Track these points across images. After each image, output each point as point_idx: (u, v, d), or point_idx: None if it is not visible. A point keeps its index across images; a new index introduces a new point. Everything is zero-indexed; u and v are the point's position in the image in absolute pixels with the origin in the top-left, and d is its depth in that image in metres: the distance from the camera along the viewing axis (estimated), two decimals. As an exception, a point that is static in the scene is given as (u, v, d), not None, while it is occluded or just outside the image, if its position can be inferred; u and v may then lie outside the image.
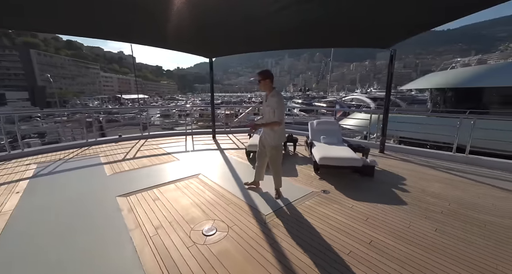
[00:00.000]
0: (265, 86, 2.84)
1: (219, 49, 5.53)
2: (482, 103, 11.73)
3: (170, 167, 4.31)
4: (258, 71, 2.92)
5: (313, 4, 2.87)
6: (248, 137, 6.17)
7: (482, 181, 3.62)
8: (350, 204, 2.86)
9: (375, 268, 1.81)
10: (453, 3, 2.91)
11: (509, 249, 2.02)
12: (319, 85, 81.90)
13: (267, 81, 2.81)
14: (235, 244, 2.12)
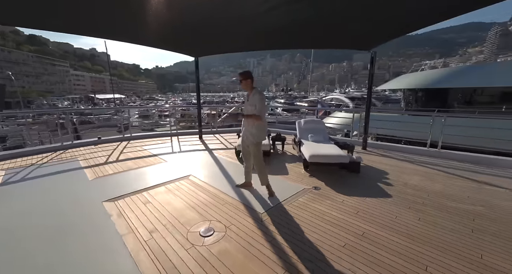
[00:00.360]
0: (247, 86, 2.93)
1: (205, 48, 5.45)
2: (448, 103, 12.81)
3: (158, 169, 4.17)
4: (239, 72, 2.98)
5: (303, 5, 2.94)
6: (236, 137, 6.16)
7: (454, 173, 3.97)
8: (341, 199, 2.98)
9: (370, 258, 1.92)
10: (427, 11, 3.17)
11: (487, 237, 2.25)
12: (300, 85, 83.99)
13: (248, 81, 2.92)
14: (234, 243, 2.12)
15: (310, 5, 2.99)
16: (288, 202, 2.89)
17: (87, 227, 2.37)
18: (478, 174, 3.90)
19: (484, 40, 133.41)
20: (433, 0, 2.85)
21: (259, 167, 3.06)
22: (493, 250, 2.02)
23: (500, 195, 3.11)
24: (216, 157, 4.86)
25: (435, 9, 3.12)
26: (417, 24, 3.72)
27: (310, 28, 3.88)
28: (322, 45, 5.44)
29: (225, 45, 5.16)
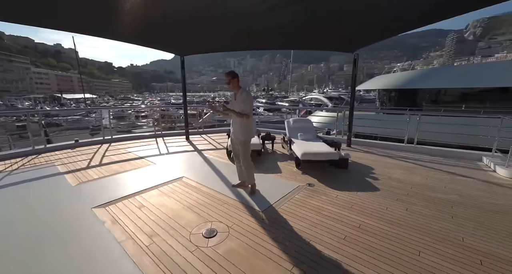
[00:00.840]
0: (234, 85, 2.94)
1: (191, 47, 5.34)
2: (417, 102, 13.91)
3: (147, 171, 4.01)
4: (226, 72, 2.98)
5: (299, 6, 3.02)
6: (226, 137, 6.11)
7: (430, 166, 4.35)
8: (335, 194, 3.13)
9: (370, 248, 2.05)
10: (404, 18, 3.45)
11: (464, 222, 2.51)
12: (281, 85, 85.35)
13: (235, 81, 2.93)
14: (239, 242, 2.13)
15: (305, 7, 3.08)
16: (286, 199, 2.96)
17: (81, 236, 2.22)
18: (450, 166, 4.32)
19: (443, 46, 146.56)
20: (410, 8, 3.10)
21: (246, 166, 3.08)
22: (471, 233, 2.27)
23: (470, 185, 3.48)
24: (207, 158, 4.79)
25: (412, 17, 3.41)
26: (396, 30, 4.02)
27: (301, 30, 4.00)
28: (308, 46, 5.61)
29: (211, 43, 5.10)
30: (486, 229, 2.34)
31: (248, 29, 4.02)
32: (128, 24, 3.64)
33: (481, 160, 4.61)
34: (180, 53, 5.79)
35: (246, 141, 3.00)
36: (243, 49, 6.14)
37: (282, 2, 2.87)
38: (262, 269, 1.81)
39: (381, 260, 1.90)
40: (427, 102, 13.68)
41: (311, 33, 4.29)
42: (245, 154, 3.04)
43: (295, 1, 2.87)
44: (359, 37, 4.50)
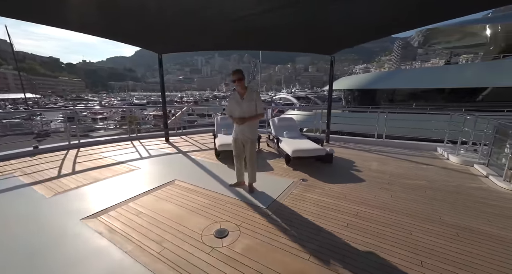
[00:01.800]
0: (242, 85, 2.98)
1: (174, 44, 5.11)
2: (376, 101, 15.48)
3: (133, 176, 3.75)
4: (235, 70, 2.97)
5: (292, 10, 3.16)
6: (211, 137, 6.00)
7: (399, 157, 4.94)
8: (328, 187, 3.37)
9: (370, 232, 2.29)
10: (379, 24, 3.87)
11: (438, 202, 2.95)
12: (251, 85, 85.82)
13: (241, 82, 2.94)
14: (252, 239, 2.18)
15: (291, 12, 3.23)
16: (285, 195, 3.09)
17: (79, 252, 2.01)
18: (414, 157, 4.97)
19: (392, 51, 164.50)
20: (385, 17, 3.50)
21: (252, 164, 3.15)
22: (445, 212, 2.70)
23: (433, 171, 4.07)
24: (195, 159, 4.67)
25: (383, 26, 3.85)
26: (370, 37, 4.48)
27: (285, 32, 4.16)
28: (290, 48, 5.83)
29: (192, 42, 4.96)
30: (456, 207, 2.80)
31: (232, 30, 4.02)
32: (93, 13, 3.21)
33: (436, 150, 5.40)
34: (157, 50, 5.49)
35: (256, 139, 3.13)
36: (226, 49, 6.10)
37: (268, 8, 2.98)
38: (282, 262, 1.89)
39: (382, 241, 2.15)
40: (384, 101, 15.32)
41: (295, 36, 4.50)
42: (252, 152, 3.11)
43: (281, 7, 2.99)
44: (337, 42, 4.87)
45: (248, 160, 3.18)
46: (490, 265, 1.86)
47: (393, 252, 2.01)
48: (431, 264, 1.86)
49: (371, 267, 1.82)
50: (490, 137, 4.21)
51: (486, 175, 3.81)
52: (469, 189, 3.32)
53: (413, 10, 3.12)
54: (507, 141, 3.88)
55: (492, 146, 4.12)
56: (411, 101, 14.17)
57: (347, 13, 3.22)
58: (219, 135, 5.18)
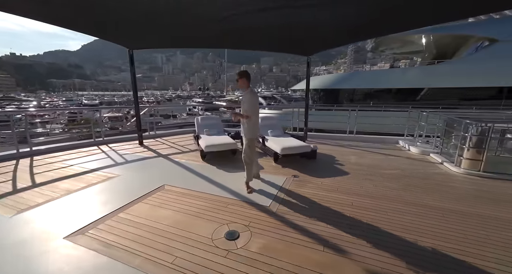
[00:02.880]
0: (241, 84, 3.08)
1: (147, 39, 4.75)
2: (339, 100, 16.80)
3: (114, 184, 3.39)
4: (237, 72, 3.14)
5: (266, 13, 3.24)
6: (194, 140, 5.76)
7: (370, 150, 5.49)
8: (319, 181, 3.56)
9: (368, 219, 2.51)
10: (351, 29, 4.24)
11: (412, 188, 3.38)
12: (216, 85, 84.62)
13: (242, 80, 3.04)
14: (265, 237, 2.19)
15: (271, 15, 3.31)
16: (283, 192, 3.17)
17: (65, 270, 1.75)
18: (383, 149, 5.58)
19: (346, 54, 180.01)
20: (355, 25, 3.86)
21: (247, 162, 3.19)
22: (423, 196, 3.11)
23: (400, 161, 4.65)
24: (179, 162, 4.42)
25: (356, 32, 4.24)
26: (344, 41, 4.87)
27: (265, 33, 4.23)
28: (267, 48, 5.94)
29: (177, 39, 4.71)
30: (428, 191, 3.25)
31: (210, 28, 3.92)
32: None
33: (398, 142, 6.15)
34: (129, 46, 5.03)
35: (250, 139, 3.13)
36: (203, 47, 5.92)
37: (247, 10, 3.03)
38: (301, 256, 1.95)
39: (381, 226, 2.38)
40: (346, 100, 16.73)
41: (275, 36, 4.62)
42: (246, 151, 3.16)
43: (262, 10, 3.07)
44: (314, 45, 5.15)
45: (243, 157, 3.21)
46: (478, 239, 2.23)
47: (392, 234, 2.25)
48: (425, 242, 2.14)
49: (378, 251, 2.01)
50: (441, 129, 4.99)
51: (441, 162, 4.50)
52: (433, 175, 3.90)
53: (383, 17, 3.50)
54: (453, 132, 4.66)
55: (443, 137, 4.90)
56: (368, 100, 15.83)
57: (325, 18, 3.45)
58: (202, 136, 5.02)
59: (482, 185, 3.48)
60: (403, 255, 1.95)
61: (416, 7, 3.03)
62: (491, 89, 12.93)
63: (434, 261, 1.90)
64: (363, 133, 6.97)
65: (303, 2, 2.81)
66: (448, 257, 1.95)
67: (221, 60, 51.62)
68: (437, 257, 1.95)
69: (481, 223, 2.46)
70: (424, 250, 2.03)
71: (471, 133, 3.91)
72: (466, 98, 13.21)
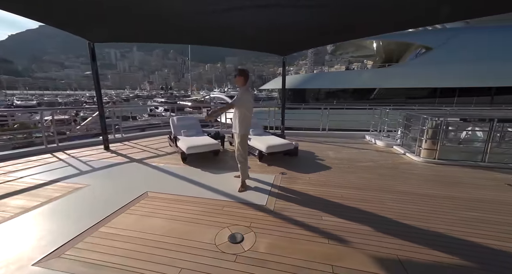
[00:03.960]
0: (238, 82, 3.04)
1: (112, 31, 4.25)
2: (306, 99, 17.70)
3: (85, 196, 2.96)
4: (238, 68, 3.07)
5: (243, 12, 3.24)
6: (169, 143, 5.37)
7: (342, 145, 5.90)
8: (306, 177, 3.68)
9: (359, 208, 2.68)
10: (324, 33, 4.50)
11: (386, 177, 3.73)
12: (180, 84, 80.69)
13: (240, 79, 3.00)
14: (270, 236, 2.17)
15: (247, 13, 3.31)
16: (275, 189, 3.18)
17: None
18: (354, 144, 6.05)
19: (307, 56, 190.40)
20: (331, 28, 4.11)
21: (240, 160, 3.17)
22: (396, 183, 3.46)
23: (371, 154, 5.10)
24: (158, 167, 4.08)
25: (331, 33, 4.51)
26: (319, 43, 5.13)
27: (240, 30, 4.19)
28: (242, 46, 5.86)
29: (139, 33, 4.30)
30: (399, 178, 3.64)
31: (182, 23, 3.73)
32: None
33: (364, 137, 6.75)
34: (90, 38, 4.43)
35: (243, 135, 3.07)
36: (172, 42, 5.57)
37: (223, 8, 3.00)
38: (308, 250, 1.98)
39: (371, 213, 2.58)
40: (312, 99, 17.72)
41: (250, 35, 4.61)
42: (237, 147, 3.11)
43: (240, 8, 3.06)
44: (291, 45, 5.30)
45: (236, 155, 3.18)
46: (451, 218, 2.56)
47: (383, 220, 2.45)
48: (417, 224, 2.38)
49: (378, 237, 2.16)
50: (402, 124, 5.64)
51: (403, 153, 5.09)
52: (400, 164, 4.38)
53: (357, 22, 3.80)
54: (411, 126, 5.33)
55: (404, 130, 5.55)
56: (330, 99, 17.03)
57: (301, 20, 3.58)
58: (181, 138, 4.72)
59: (439, 171, 4.04)
60: (402, 239, 2.13)
61: (386, 14, 3.36)
62: (428, 90, 15.18)
63: (430, 242, 2.11)
64: (334, 130, 7.46)
65: (283, 2, 2.87)
66: (446, 237, 2.21)
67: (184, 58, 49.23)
68: (432, 237, 2.18)
69: (450, 203, 2.85)
70: (419, 232, 2.26)
71: (428, 126, 4.51)
72: (410, 97, 15.23)
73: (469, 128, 5.27)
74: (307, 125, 8.79)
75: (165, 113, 27.24)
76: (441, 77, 14.52)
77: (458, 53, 14.33)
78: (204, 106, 24.94)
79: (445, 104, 14.35)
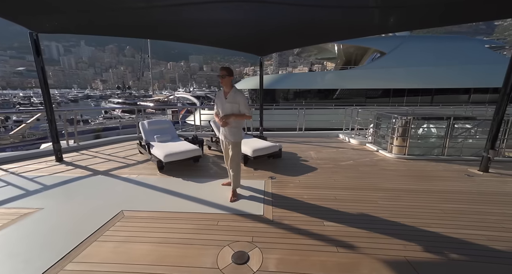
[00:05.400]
0: (227, 83, 2.76)
1: (59, 19, 3.54)
2: (276, 99, 18.02)
3: (38, 223, 2.37)
4: (222, 66, 2.74)
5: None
6: (139, 150, 4.75)
7: (320, 145, 6.05)
8: (296, 180, 3.60)
9: (355, 209, 2.68)
10: (306, 35, 4.54)
11: (369, 174, 3.88)
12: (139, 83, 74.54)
13: (230, 79, 2.75)
14: (277, 251, 1.99)
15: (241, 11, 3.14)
16: (268, 196, 3.01)
17: None
18: (330, 143, 6.26)
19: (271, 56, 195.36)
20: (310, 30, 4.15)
21: (235, 168, 2.93)
22: (375, 180, 3.62)
23: (349, 152, 5.32)
24: (130, 179, 3.55)
25: (310, 35, 4.56)
26: (297, 45, 5.14)
27: (217, 27, 3.94)
28: (217, 44, 5.55)
29: (86, 21, 3.66)
30: (383, 176, 3.81)
31: (155, 17, 3.34)
32: None
33: (338, 136, 7.06)
34: (32, 27, 3.62)
35: (238, 142, 2.84)
36: (140, 37, 4.99)
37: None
38: (320, 262, 1.86)
39: (368, 214, 2.59)
40: (282, 99, 18.12)
41: (229, 34, 4.38)
42: (233, 156, 2.86)
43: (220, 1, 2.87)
44: (268, 45, 5.21)
45: (230, 164, 2.92)
46: (436, 211, 2.72)
47: (380, 220, 2.48)
48: (408, 222, 2.47)
49: (385, 239, 2.16)
50: (373, 123, 6.04)
51: (377, 150, 5.43)
52: (377, 161, 4.64)
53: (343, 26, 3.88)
54: (381, 124, 5.73)
55: (375, 128, 5.94)
56: (299, 99, 17.67)
57: (281, 21, 3.54)
58: (155, 144, 4.22)
59: (411, 166, 4.39)
60: (403, 239, 2.16)
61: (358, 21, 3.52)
62: (383, 90, 16.85)
63: (430, 239, 2.20)
64: (308, 129, 7.65)
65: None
66: (439, 231, 2.31)
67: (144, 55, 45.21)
68: (430, 233, 2.27)
69: (430, 197, 3.06)
70: (417, 230, 2.33)
71: (398, 125, 4.89)
72: (369, 97, 16.71)
73: (424, 125, 5.91)
74: (281, 125, 8.88)
75: (122, 114, 24.88)
76: (393, 79, 16.28)
77: (406, 58, 16.24)
78: (168, 108, 23.46)
79: (397, 103, 16.11)
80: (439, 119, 5.34)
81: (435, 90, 16.63)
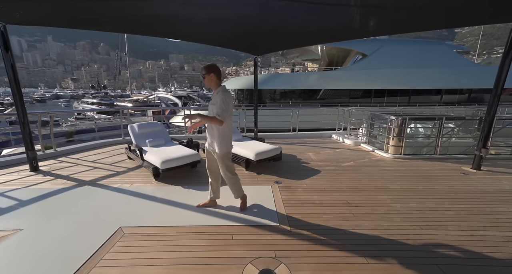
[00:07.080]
0: (210, 82, 2.39)
1: (29, 10, 3.09)
2: (263, 99, 17.99)
3: (19, 249, 1.98)
4: (203, 66, 2.45)
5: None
6: (128, 156, 4.33)
7: (316, 146, 6.01)
8: (303, 184, 3.48)
9: (371, 215, 2.61)
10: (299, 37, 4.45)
11: (370, 174, 3.87)
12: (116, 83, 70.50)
13: (211, 76, 2.35)
14: (306, 266, 1.82)
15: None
16: (279, 203, 2.85)
17: None
18: (325, 144, 6.26)
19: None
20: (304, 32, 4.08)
21: (230, 180, 2.59)
22: (380, 181, 3.61)
23: (347, 153, 5.33)
24: (122, 189, 3.19)
25: (302, 37, 4.50)
26: (292, 45, 5.04)
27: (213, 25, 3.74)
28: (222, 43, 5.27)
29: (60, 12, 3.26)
30: (389, 176, 3.81)
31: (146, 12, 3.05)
32: None
33: (331, 136, 7.11)
34: (0, 17, 3.11)
35: (227, 152, 2.47)
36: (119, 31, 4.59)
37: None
38: (352, 270, 1.75)
39: (384, 218, 2.53)
40: (269, 99, 18.11)
41: (225, 32, 4.17)
42: (223, 169, 2.52)
43: None
44: (264, 46, 5.05)
45: (223, 177, 2.60)
46: (449, 212, 2.73)
47: (397, 225, 2.41)
48: (426, 225, 2.43)
49: (401, 245, 2.09)
50: (367, 123, 6.13)
51: (372, 150, 5.51)
52: (376, 162, 4.68)
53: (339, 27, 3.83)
54: (374, 124, 5.84)
55: (369, 129, 6.04)
56: (285, 100, 17.79)
57: (277, 21, 3.42)
58: (148, 149, 3.87)
59: (409, 165, 4.48)
60: (427, 244, 2.11)
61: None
62: (365, 91, 17.50)
63: (453, 242, 2.16)
64: (302, 130, 7.62)
65: None
66: (459, 232, 2.29)
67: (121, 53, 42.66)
68: (451, 236, 2.24)
69: (439, 197, 3.09)
70: (440, 233, 2.30)
71: (394, 125, 4.98)
72: (352, 97, 17.26)
73: (412, 125, 6.13)
74: (272, 126, 8.76)
75: (98, 116, 23.36)
76: (374, 80, 16.98)
77: (386, 60, 17.02)
78: (148, 108, 22.37)
79: (378, 103, 16.81)
80: (431, 119, 5.55)
81: (412, 91, 17.60)
